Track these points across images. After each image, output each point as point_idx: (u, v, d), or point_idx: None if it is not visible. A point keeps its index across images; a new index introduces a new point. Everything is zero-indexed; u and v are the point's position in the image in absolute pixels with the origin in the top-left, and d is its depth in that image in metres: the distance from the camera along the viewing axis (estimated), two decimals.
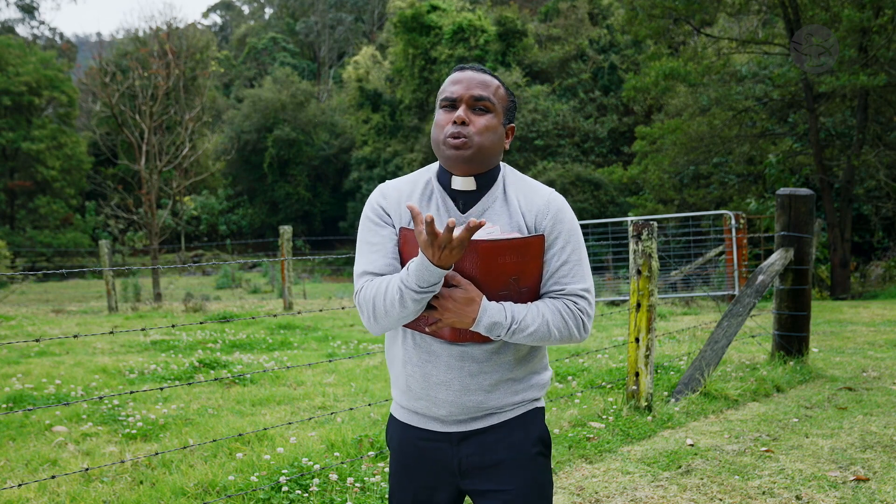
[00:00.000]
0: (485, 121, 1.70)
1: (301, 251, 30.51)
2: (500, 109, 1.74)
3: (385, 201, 1.76)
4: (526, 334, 1.65)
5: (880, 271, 14.98)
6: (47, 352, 7.42)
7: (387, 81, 33.19)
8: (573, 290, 1.71)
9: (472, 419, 1.75)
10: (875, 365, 6.20)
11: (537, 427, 1.80)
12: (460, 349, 1.70)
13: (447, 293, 1.61)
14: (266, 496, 3.31)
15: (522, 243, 1.63)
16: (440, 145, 1.72)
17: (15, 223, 32.12)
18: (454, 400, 1.72)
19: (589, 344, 7.35)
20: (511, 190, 1.75)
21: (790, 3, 13.97)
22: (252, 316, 9.52)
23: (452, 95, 1.72)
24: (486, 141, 1.70)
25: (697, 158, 18.06)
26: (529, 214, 1.72)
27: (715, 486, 3.51)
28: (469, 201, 1.73)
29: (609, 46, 29.51)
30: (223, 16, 61.40)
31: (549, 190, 1.78)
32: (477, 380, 1.72)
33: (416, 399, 1.77)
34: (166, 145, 18.86)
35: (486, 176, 1.74)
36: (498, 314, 1.62)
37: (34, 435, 4.46)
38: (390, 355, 1.83)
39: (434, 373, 1.72)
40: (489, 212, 1.73)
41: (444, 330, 1.67)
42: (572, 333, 1.70)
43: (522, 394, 1.77)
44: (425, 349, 1.73)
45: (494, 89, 1.73)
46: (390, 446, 1.89)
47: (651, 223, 4.60)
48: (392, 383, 1.86)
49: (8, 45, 33.00)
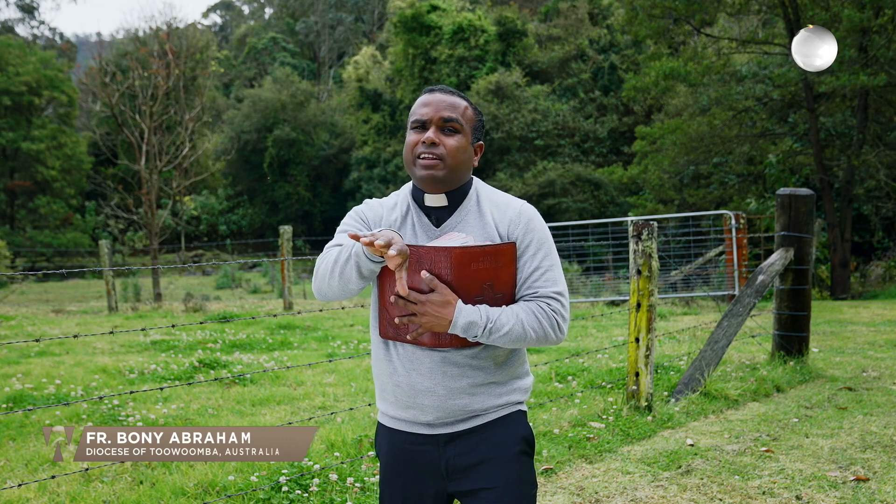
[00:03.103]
0: (454, 141, 1.79)
1: (301, 251, 30.50)
2: (469, 129, 1.83)
3: (367, 209, 1.90)
4: (502, 334, 1.71)
5: (880, 271, 14.98)
6: (47, 352, 7.41)
7: (387, 81, 33.19)
8: (546, 293, 1.77)
9: (457, 421, 1.81)
10: (875, 365, 6.20)
11: (521, 427, 1.86)
12: (441, 354, 1.77)
13: (424, 298, 1.68)
14: (266, 496, 3.32)
15: (494, 250, 1.72)
16: (412, 165, 1.81)
17: (15, 223, 32.11)
18: (440, 405, 1.78)
19: (589, 344, 7.35)
20: (485, 203, 1.84)
21: (790, 3, 13.97)
22: (252, 316, 9.52)
23: (423, 117, 1.80)
24: (455, 161, 1.79)
25: (697, 158, 18.06)
26: (502, 225, 1.80)
27: (715, 486, 3.51)
28: (442, 216, 1.82)
29: (609, 46, 29.50)
30: (223, 16, 61.40)
31: (520, 202, 1.86)
32: (459, 383, 1.78)
33: (405, 408, 1.82)
34: (166, 145, 18.84)
35: (457, 192, 1.83)
36: (473, 314, 1.69)
37: (34, 435, 4.46)
38: (377, 370, 1.89)
39: (419, 380, 1.78)
40: (463, 224, 1.81)
41: (423, 336, 1.73)
42: (547, 333, 1.75)
43: (506, 396, 1.83)
44: (408, 358, 1.80)
45: (462, 110, 1.82)
46: (380, 453, 1.94)
47: (651, 223, 4.60)
48: (378, 396, 1.92)
49: (8, 45, 32.98)
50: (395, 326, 1.77)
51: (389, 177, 30.25)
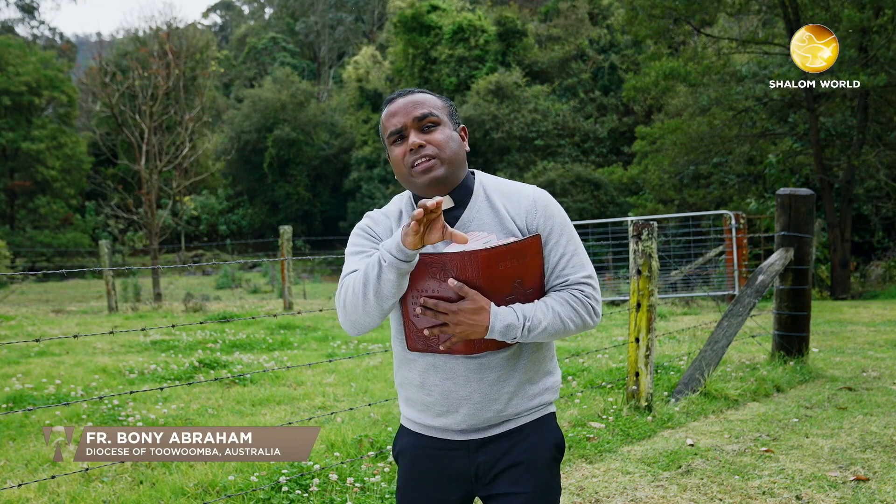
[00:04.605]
0: (439, 134, 1.72)
1: (301, 251, 30.48)
2: (445, 117, 1.76)
3: (373, 223, 1.79)
4: (540, 330, 1.66)
5: (880, 271, 14.98)
6: (47, 352, 7.41)
7: (387, 81, 33.18)
8: (576, 280, 1.72)
9: (490, 426, 1.76)
10: (875, 365, 6.20)
11: (553, 433, 1.81)
12: (478, 361, 1.71)
13: (456, 307, 1.61)
14: (266, 496, 3.32)
15: (520, 246, 1.66)
16: (408, 178, 1.73)
17: (15, 223, 32.10)
18: (476, 412, 1.73)
19: (589, 344, 7.36)
20: (494, 196, 1.76)
21: (790, 3, 13.96)
22: (252, 316, 9.52)
23: (397, 127, 1.73)
24: (450, 152, 1.72)
25: (697, 158, 18.06)
26: (519, 217, 1.73)
27: (715, 486, 3.50)
28: (454, 217, 1.74)
29: (609, 46, 29.50)
30: (223, 16, 61.38)
31: (531, 188, 1.79)
32: (496, 389, 1.73)
33: (437, 416, 1.77)
34: (166, 145, 18.84)
35: (460, 188, 1.76)
36: (510, 316, 1.63)
37: (34, 435, 4.46)
38: (406, 379, 1.82)
39: (454, 389, 1.73)
40: (476, 222, 1.73)
41: (457, 345, 1.67)
42: (585, 321, 1.71)
43: (538, 398, 1.78)
44: (442, 368, 1.73)
45: (431, 102, 1.75)
46: (402, 457, 1.86)
47: (651, 223, 4.60)
48: (405, 403, 1.84)
49: (8, 45, 32.96)
50: (425, 338, 1.70)
51: (389, 177, 30.23)
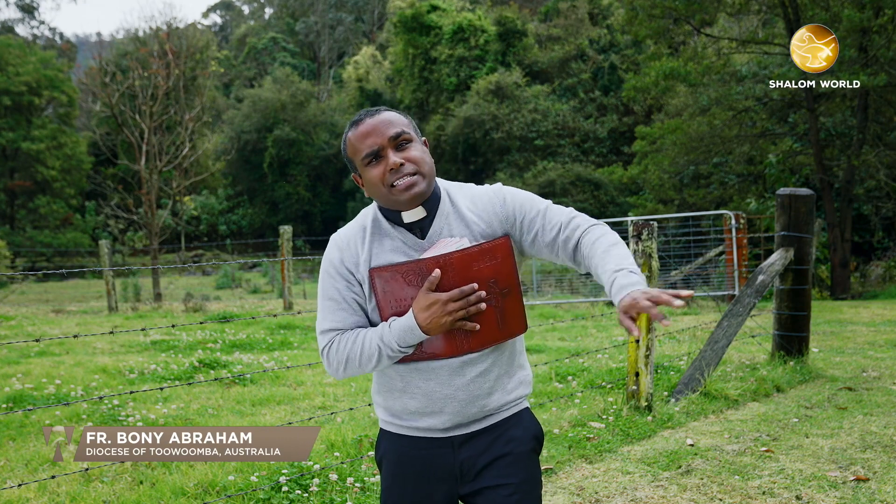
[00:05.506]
0: (415, 151, 1.75)
1: (301, 251, 30.48)
2: (414, 133, 1.79)
3: (340, 253, 1.80)
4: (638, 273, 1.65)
5: (880, 271, 14.98)
6: (47, 352, 7.41)
7: (387, 81, 33.19)
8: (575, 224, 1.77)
9: (473, 421, 1.80)
10: (875, 365, 6.20)
11: (532, 425, 1.87)
12: (460, 359, 1.75)
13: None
14: (266, 496, 3.32)
15: (491, 246, 1.73)
16: (388, 196, 1.75)
17: (15, 223, 32.09)
18: (460, 410, 1.77)
19: (589, 344, 7.36)
20: (459, 202, 1.80)
21: (790, 3, 13.96)
22: (252, 316, 9.52)
23: (373, 148, 1.74)
24: (427, 167, 1.76)
25: (697, 158, 18.05)
26: (486, 215, 1.79)
27: (715, 486, 3.50)
28: (424, 226, 1.78)
29: (609, 46, 29.50)
30: (223, 16, 61.39)
31: (488, 187, 1.85)
32: (478, 384, 1.77)
33: (420, 417, 1.80)
34: (166, 145, 18.84)
35: (431, 199, 1.79)
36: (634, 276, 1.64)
37: (34, 435, 4.46)
38: (386, 386, 1.84)
39: (437, 389, 1.77)
40: (447, 229, 1.77)
41: (438, 348, 1.73)
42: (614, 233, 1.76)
43: (514, 392, 1.83)
44: (424, 369, 1.77)
45: (400, 121, 1.78)
46: (385, 459, 1.88)
47: (651, 223, 4.60)
48: (383, 408, 1.87)
49: (8, 45, 32.96)
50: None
51: None
